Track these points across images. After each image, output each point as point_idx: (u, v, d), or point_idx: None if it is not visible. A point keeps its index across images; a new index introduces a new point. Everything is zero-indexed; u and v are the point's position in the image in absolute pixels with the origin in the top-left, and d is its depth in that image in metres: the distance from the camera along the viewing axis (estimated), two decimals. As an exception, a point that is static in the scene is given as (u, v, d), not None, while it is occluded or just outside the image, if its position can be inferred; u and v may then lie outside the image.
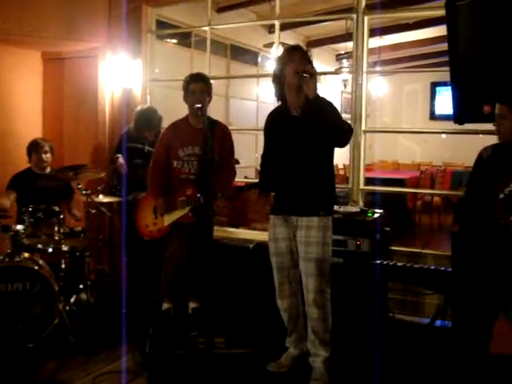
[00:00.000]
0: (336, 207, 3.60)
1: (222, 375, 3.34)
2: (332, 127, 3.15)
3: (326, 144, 3.26)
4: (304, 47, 3.46)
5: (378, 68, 9.18)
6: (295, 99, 3.28)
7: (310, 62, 3.30)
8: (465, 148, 3.02)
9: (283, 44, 4.78)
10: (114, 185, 4.88)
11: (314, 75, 3.14)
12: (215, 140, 3.70)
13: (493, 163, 2.77)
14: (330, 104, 3.23)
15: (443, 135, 10.52)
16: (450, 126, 3.91)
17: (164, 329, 3.84)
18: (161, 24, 5.87)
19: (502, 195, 2.69)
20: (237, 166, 4.16)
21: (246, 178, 6.48)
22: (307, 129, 3.21)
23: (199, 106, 3.65)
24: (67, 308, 4.02)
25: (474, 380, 2.81)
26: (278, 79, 3.34)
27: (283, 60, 3.32)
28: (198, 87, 3.81)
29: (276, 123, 3.41)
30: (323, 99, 3.21)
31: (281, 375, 3.46)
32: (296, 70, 3.16)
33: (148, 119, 4.81)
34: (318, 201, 3.30)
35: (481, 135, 4.37)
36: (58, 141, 5.18)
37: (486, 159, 2.82)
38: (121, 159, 4.78)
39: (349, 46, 9.42)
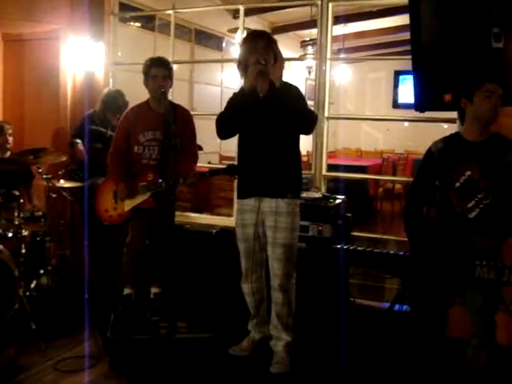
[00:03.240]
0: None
1: (183, 359, 3.37)
2: (297, 113, 3.20)
3: (291, 129, 3.29)
4: (267, 32, 3.46)
5: (342, 55, 9.24)
6: (263, 83, 3.28)
7: (275, 49, 3.31)
8: (426, 136, 3.08)
9: (248, 30, 4.78)
10: (73, 169, 4.81)
11: (280, 62, 3.18)
12: (177, 125, 3.67)
13: (446, 154, 2.83)
14: (296, 89, 3.27)
15: (405, 123, 10.71)
16: (413, 114, 3.97)
17: (126, 314, 3.84)
18: (124, 6, 5.78)
19: (457, 184, 2.76)
20: (201, 152, 4.15)
21: (209, 163, 6.49)
22: (272, 112, 3.23)
23: (162, 90, 3.63)
24: (27, 293, 3.96)
25: (432, 363, 2.89)
26: (243, 65, 3.34)
27: (247, 47, 3.32)
28: (160, 72, 3.77)
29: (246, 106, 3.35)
30: (289, 85, 3.24)
31: (242, 359, 3.50)
32: (258, 60, 3.17)
33: (116, 102, 4.75)
34: (285, 183, 3.33)
35: (445, 125, 4.46)
36: (18, 124, 5.06)
37: (436, 152, 2.87)
38: (80, 145, 4.72)
39: (313, 32, 9.47)
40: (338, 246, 2.87)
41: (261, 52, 3.21)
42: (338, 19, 4.95)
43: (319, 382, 3.31)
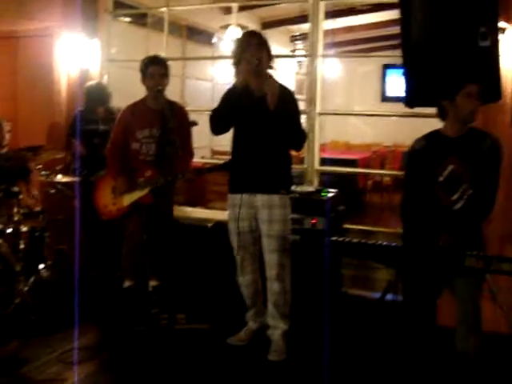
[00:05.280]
0: (292, 187, 3.75)
1: (183, 350, 3.48)
2: (289, 134, 3.41)
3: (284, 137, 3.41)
4: (260, 32, 3.56)
5: (331, 50, 9.31)
6: (256, 81, 3.39)
7: (267, 48, 3.42)
8: (415, 129, 3.19)
9: (240, 26, 4.87)
10: (75, 168, 4.87)
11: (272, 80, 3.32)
12: (174, 121, 3.76)
13: (428, 151, 2.97)
14: (293, 103, 3.47)
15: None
16: (401, 107, 4.06)
17: (126, 306, 3.93)
18: (117, 3, 5.84)
19: (441, 178, 2.89)
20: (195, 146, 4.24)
21: (202, 158, 6.56)
22: (266, 116, 3.33)
23: (160, 88, 3.73)
24: (27, 288, 4.03)
25: (422, 351, 3.01)
26: (238, 62, 3.43)
27: (241, 45, 3.41)
28: (157, 70, 3.85)
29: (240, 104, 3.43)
30: (287, 93, 3.44)
31: (241, 348, 3.61)
32: (251, 58, 3.29)
33: (98, 94, 4.83)
34: (277, 179, 3.45)
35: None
36: (11, 121, 5.09)
37: (419, 149, 3.01)
38: (76, 142, 4.78)
39: (303, 27, 9.56)
40: (333, 238, 2.97)
41: (253, 50, 3.33)
42: (328, 14, 5.02)
43: (314, 368, 3.41)
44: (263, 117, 3.34)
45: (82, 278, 4.18)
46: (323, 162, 5.00)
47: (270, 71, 3.48)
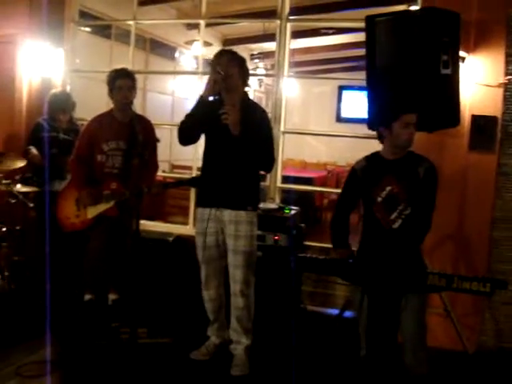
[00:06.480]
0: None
1: (145, 364, 3.46)
2: (260, 158, 3.47)
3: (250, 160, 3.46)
4: (234, 51, 3.62)
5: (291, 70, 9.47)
6: (228, 96, 3.46)
7: (240, 65, 3.49)
8: (366, 149, 3.32)
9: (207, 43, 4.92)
10: (29, 176, 4.79)
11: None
12: (142, 135, 3.76)
13: (368, 172, 3.12)
14: (267, 126, 3.54)
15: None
16: (355, 128, 4.19)
17: (87, 319, 3.88)
18: (82, 14, 5.80)
19: (379, 198, 3.04)
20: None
21: (163, 172, 6.54)
22: (242, 143, 3.38)
23: (128, 101, 3.74)
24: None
25: (379, 366, 3.08)
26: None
27: (213, 61, 3.48)
28: (125, 83, 3.86)
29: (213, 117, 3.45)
30: (261, 114, 3.51)
31: (203, 362, 3.61)
32: (216, 70, 3.36)
33: (62, 101, 4.77)
34: (245, 196, 3.50)
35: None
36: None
37: (359, 170, 3.16)
38: (33, 150, 4.70)
39: (264, 46, 9.72)
40: (301, 255, 3.05)
41: (222, 64, 3.40)
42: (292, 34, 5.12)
43: (277, 383, 3.47)
44: (228, 140, 3.38)
45: (42, 290, 4.11)
46: (283, 179, 5.09)
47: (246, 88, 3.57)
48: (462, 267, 4.12)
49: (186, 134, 3.54)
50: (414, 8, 4.47)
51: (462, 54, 3.81)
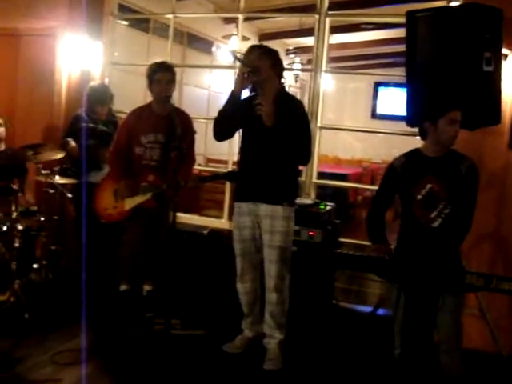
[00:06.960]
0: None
1: (178, 355, 3.47)
2: (297, 152, 3.44)
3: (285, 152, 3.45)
4: (265, 45, 3.61)
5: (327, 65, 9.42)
6: (261, 89, 3.46)
7: (271, 59, 3.47)
8: (401, 147, 3.28)
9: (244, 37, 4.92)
10: (67, 167, 4.86)
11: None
12: (180, 128, 3.79)
13: (407, 169, 3.07)
14: (305, 123, 3.51)
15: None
16: (390, 125, 4.13)
17: (121, 309, 3.93)
18: (120, 7, 5.86)
19: (419, 196, 3.00)
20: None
21: (199, 165, 6.56)
22: (274, 132, 3.36)
23: (167, 94, 3.76)
24: (19, 287, 3.99)
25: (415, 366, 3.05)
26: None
27: (244, 56, 3.50)
28: (164, 77, 3.88)
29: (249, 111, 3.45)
30: (300, 109, 3.50)
31: (236, 355, 3.62)
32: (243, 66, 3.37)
33: (100, 94, 4.82)
34: (282, 191, 3.49)
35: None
36: (9, 120, 5.07)
37: (399, 167, 3.10)
38: (72, 142, 4.77)
39: (301, 41, 9.67)
40: (337, 251, 3.04)
41: (252, 58, 3.40)
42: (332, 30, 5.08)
43: (309, 378, 3.46)
44: (262, 132, 3.37)
45: (78, 280, 4.18)
46: (319, 175, 5.06)
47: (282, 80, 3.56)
48: (499, 268, 4.05)
49: (220, 129, 3.55)
50: (454, 3, 4.38)
51: (504, 51, 3.73)
